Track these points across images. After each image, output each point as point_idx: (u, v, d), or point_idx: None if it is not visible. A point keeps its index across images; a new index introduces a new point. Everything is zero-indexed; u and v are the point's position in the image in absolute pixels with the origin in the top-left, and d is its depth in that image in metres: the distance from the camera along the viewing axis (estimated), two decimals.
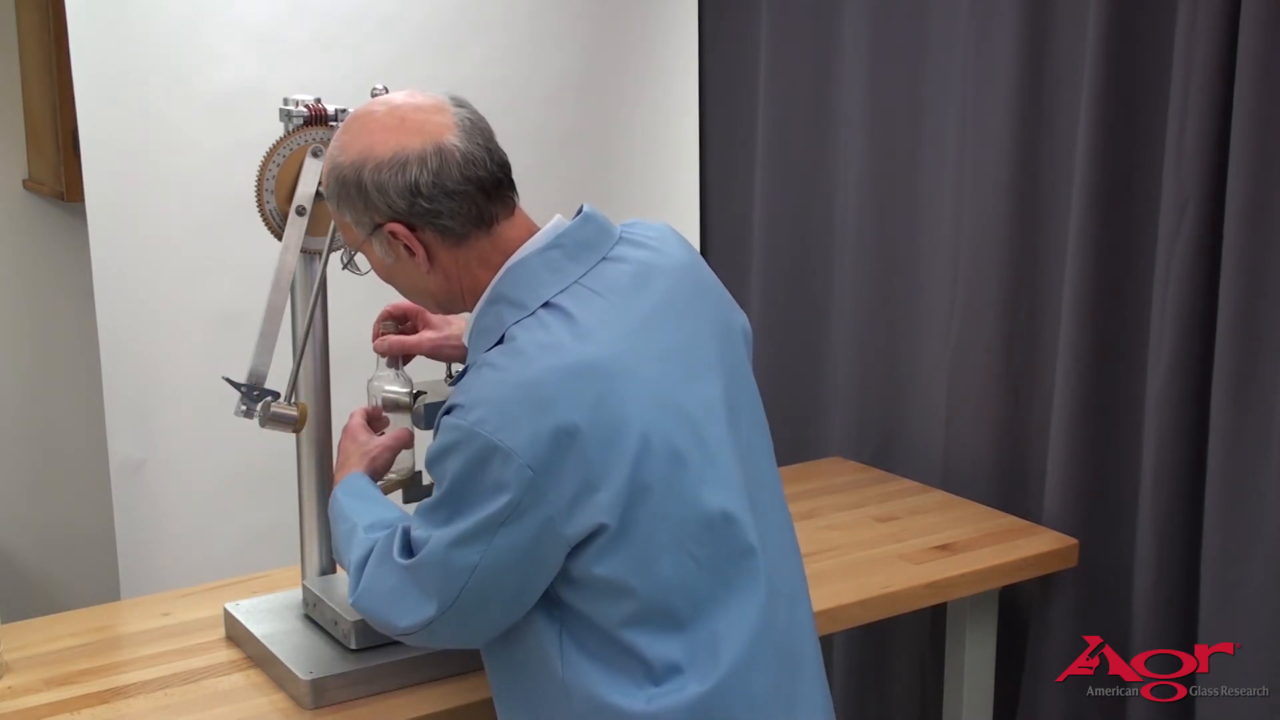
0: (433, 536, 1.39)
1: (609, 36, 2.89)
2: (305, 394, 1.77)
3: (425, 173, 1.40)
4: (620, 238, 1.49)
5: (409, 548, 1.44)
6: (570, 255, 1.44)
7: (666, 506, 1.38)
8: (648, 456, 1.36)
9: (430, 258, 1.45)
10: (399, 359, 1.73)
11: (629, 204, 2.92)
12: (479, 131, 1.44)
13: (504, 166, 1.45)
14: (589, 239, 1.46)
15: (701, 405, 1.43)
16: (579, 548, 1.37)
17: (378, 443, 1.68)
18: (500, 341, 1.40)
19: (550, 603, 1.42)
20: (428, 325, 1.73)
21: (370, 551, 1.48)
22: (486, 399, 1.35)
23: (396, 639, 1.51)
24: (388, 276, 1.51)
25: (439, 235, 1.43)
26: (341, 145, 1.46)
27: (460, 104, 1.46)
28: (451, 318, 1.72)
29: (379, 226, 1.44)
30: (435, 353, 1.72)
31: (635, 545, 1.36)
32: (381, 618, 1.47)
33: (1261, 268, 1.96)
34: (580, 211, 1.48)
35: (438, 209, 1.41)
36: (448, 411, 1.38)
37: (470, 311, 1.48)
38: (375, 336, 1.73)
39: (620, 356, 1.38)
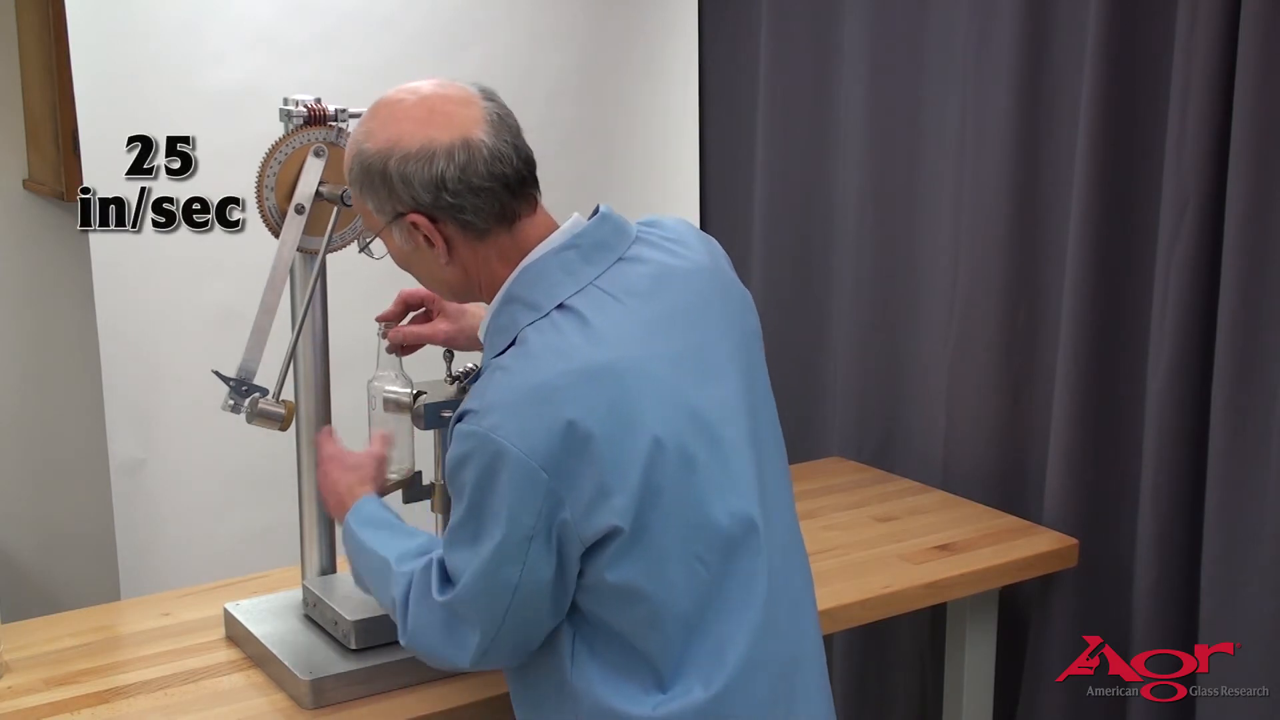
0: (466, 565, 1.38)
1: (609, 36, 2.89)
2: (305, 393, 1.77)
3: (452, 167, 1.38)
4: (637, 238, 1.48)
5: (445, 580, 1.42)
6: (585, 257, 1.42)
7: (677, 510, 1.37)
8: (660, 459, 1.36)
9: (450, 250, 1.43)
10: (401, 350, 1.73)
11: (629, 203, 2.91)
12: (507, 128, 1.42)
13: (529, 163, 1.44)
14: (605, 239, 1.44)
15: (716, 408, 1.42)
16: (592, 552, 1.36)
17: (364, 457, 1.66)
18: (513, 344, 1.39)
19: None
20: (443, 314, 1.72)
21: (409, 590, 1.46)
22: (500, 403, 1.34)
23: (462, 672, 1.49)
24: (405, 264, 1.50)
25: (460, 229, 1.41)
26: (368, 131, 1.43)
27: (489, 97, 1.44)
28: (467, 307, 1.71)
29: (401, 215, 1.42)
30: (450, 343, 1.71)
31: (647, 550, 1.36)
32: (438, 656, 1.45)
33: (1261, 268, 1.96)
34: (596, 211, 1.47)
35: (461, 204, 1.39)
36: (460, 418, 1.37)
37: (487, 303, 1.48)
38: (385, 322, 1.72)
39: (633, 360, 1.37)
